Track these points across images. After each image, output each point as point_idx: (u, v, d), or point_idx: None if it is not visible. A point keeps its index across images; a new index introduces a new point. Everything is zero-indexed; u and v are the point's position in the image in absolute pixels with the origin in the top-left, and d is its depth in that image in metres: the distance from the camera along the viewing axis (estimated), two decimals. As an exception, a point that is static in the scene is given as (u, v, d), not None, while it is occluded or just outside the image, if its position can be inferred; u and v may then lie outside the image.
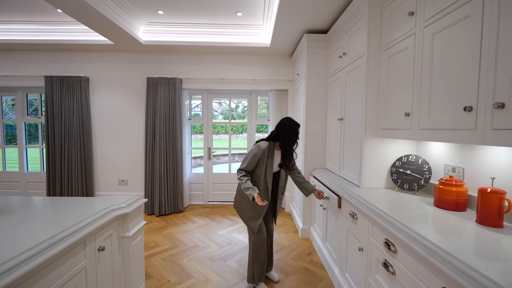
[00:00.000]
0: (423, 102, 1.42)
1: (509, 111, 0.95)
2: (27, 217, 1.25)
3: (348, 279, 1.85)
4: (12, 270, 0.84)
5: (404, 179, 1.81)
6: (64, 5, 2.49)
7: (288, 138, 1.85)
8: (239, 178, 1.86)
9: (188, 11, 2.97)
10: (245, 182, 1.82)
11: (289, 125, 1.87)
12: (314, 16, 2.53)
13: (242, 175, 1.86)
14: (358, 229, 1.68)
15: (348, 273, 1.87)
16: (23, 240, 1.00)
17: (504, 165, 1.27)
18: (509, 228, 1.17)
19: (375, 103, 1.91)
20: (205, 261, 2.47)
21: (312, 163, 2.94)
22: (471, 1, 1.11)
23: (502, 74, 0.97)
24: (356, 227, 1.71)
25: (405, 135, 1.59)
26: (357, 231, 1.70)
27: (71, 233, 1.11)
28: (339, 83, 2.48)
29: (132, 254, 1.60)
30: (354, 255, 1.76)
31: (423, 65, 1.42)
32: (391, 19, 1.76)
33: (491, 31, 1.02)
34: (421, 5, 1.45)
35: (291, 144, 1.87)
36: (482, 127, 1.05)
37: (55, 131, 3.76)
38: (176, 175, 3.79)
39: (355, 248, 1.74)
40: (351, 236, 1.81)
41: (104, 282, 1.37)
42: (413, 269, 1.12)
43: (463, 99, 1.15)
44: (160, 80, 3.70)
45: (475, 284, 0.79)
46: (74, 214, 1.29)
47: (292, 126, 1.87)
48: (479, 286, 0.77)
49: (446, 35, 1.27)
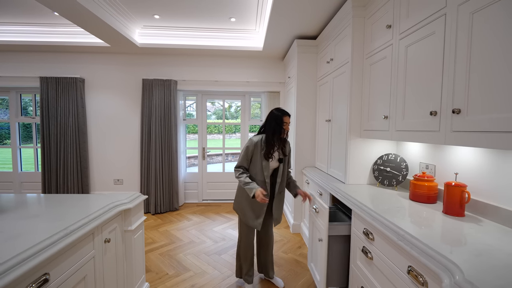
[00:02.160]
0: (399, 106, 1.59)
1: (464, 116, 1.12)
2: (38, 212, 1.36)
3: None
4: (34, 256, 0.95)
5: (384, 176, 1.98)
6: (61, 8, 2.54)
7: (273, 125, 1.83)
8: (237, 176, 1.85)
9: (184, 16, 3.09)
10: (244, 177, 1.81)
11: (275, 114, 1.86)
12: (303, 24, 2.69)
13: (239, 172, 1.85)
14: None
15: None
16: (39, 231, 1.11)
17: (466, 162, 1.45)
18: (469, 217, 1.34)
19: (358, 106, 2.08)
20: (201, 255, 2.59)
21: (302, 162, 3.10)
22: (436, 20, 1.28)
23: (458, 84, 1.14)
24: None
25: (384, 135, 1.76)
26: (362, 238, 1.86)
27: (82, 225, 1.23)
28: (327, 86, 2.64)
29: (134, 246, 1.72)
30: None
31: (399, 73, 1.59)
32: (372, 30, 1.93)
33: (450, 48, 1.19)
34: (397, 19, 1.61)
35: (275, 132, 1.84)
36: (444, 129, 1.22)
37: (51, 131, 3.80)
38: (171, 174, 3.89)
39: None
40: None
41: (109, 271, 1.49)
42: (386, 253, 1.28)
43: (429, 105, 1.33)
44: (156, 81, 3.80)
45: (433, 261, 0.95)
46: (82, 209, 1.40)
47: (277, 115, 1.85)
48: (437, 263, 0.93)
49: (416, 48, 1.44)
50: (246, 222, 1.92)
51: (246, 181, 1.79)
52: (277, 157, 1.91)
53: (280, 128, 1.85)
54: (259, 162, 1.85)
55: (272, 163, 1.89)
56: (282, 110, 1.90)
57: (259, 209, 1.89)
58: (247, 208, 1.91)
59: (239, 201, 1.96)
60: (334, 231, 1.73)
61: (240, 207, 1.96)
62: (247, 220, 1.91)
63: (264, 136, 1.88)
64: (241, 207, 1.94)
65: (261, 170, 1.85)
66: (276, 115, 1.86)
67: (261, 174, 1.85)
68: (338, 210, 2.03)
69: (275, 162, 1.91)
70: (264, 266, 2.14)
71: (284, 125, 1.86)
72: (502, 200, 1.25)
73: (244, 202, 1.91)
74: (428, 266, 0.95)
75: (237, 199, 1.99)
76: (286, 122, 1.87)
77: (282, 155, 1.93)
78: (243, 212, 1.93)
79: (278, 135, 1.86)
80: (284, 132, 1.89)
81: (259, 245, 2.14)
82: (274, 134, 1.84)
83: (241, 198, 1.94)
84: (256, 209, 1.89)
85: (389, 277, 1.24)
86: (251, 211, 1.90)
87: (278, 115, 1.86)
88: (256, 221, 1.89)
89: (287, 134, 1.94)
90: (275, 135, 1.85)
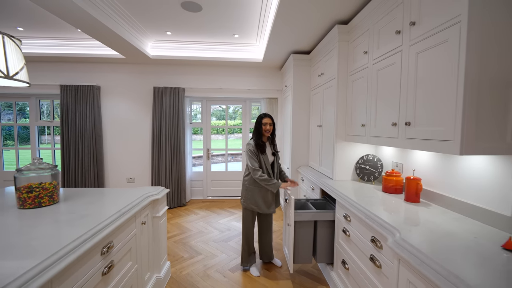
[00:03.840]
0: (372, 116, 2.01)
1: (413, 127, 1.53)
2: (93, 200, 1.75)
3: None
4: (104, 229, 1.35)
5: (364, 173, 2.40)
6: (84, 26, 2.82)
7: (256, 126, 2.31)
8: (259, 177, 2.17)
9: (193, 32, 3.49)
10: (265, 177, 2.18)
11: (258, 117, 2.33)
12: (298, 42, 3.10)
13: (260, 172, 2.19)
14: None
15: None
16: (101, 213, 1.50)
17: (422, 161, 1.87)
18: (423, 203, 1.76)
19: (343, 115, 2.50)
20: (210, 242, 3.00)
21: (298, 162, 3.52)
22: (396, 54, 1.70)
23: (410, 104, 1.56)
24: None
25: (362, 140, 2.17)
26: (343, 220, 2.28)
27: (129, 209, 1.63)
28: (319, 96, 3.06)
29: (160, 230, 2.11)
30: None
31: (372, 91, 2.01)
32: (354, 53, 2.34)
33: (404, 76, 1.61)
34: (372, 48, 2.03)
35: (259, 131, 2.28)
36: (401, 136, 1.64)
37: (70, 134, 4.18)
38: (179, 173, 4.29)
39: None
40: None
41: (143, 248, 1.89)
42: (358, 229, 1.69)
43: (391, 117, 1.74)
44: (165, 89, 4.20)
45: (384, 229, 1.36)
46: (126, 198, 1.79)
47: (259, 116, 2.33)
48: (387, 230, 1.34)
49: (384, 72, 1.85)
50: (263, 211, 2.31)
51: (268, 180, 2.19)
52: (271, 151, 2.37)
53: (260, 126, 2.28)
54: (260, 158, 2.28)
55: (269, 157, 2.33)
56: (263, 113, 2.35)
57: (270, 200, 2.33)
58: (260, 201, 2.31)
59: (250, 197, 2.32)
60: (300, 217, 2.15)
61: (252, 201, 2.32)
62: (263, 210, 2.31)
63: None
64: (254, 201, 2.31)
65: (265, 166, 2.28)
66: (258, 117, 2.34)
67: (266, 169, 2.28)
68: (327, 202, 2.44)
69: (271, 156, 2.35)
70: (265, 249, 2.54)
71: (263, 125, 2.28)
72: (445, 189, 1.66)
73: (257, 197, 2.31)
74: (382, 233, 1.37)
75: (247, 196, 2.34)
76: (265, 123, 2.29)
77: (273, 150, 2.38)
78: (257, 205, 2.31)
79: (260, 134, 2.29)
80: (265, 130, 2.29)
81: (261, 231, 2.54)
82: (259, 133, 2.29)
83: (253, 193, 2.31)
84: (267, 200, 2.32)
85: (360, 247, 1.66)
86: (264, 203, 2.31)
87: (259, 116, 2.33)
88: (270, 208, 2.33)
89: (273, 133, 2.38)
90: (260, 134, 2.29)
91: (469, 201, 1.48)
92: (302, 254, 2.22)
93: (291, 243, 2.15)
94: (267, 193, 2.32)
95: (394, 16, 1.73)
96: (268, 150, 2.35)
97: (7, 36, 1.30)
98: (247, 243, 2.42)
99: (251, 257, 2.46)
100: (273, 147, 2.40)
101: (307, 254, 2.23)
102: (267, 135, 2.33)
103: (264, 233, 2.52)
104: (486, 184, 1.39)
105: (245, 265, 2.45)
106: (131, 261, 1.68)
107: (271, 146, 2.39)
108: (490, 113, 1.21)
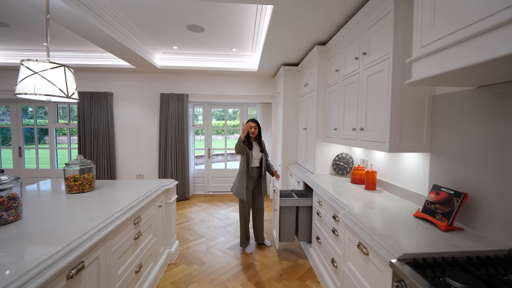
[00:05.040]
0: (341, 122, 2.51)
1: (365, 132, 2.03)
2: (120, 187, 2.25)
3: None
4: (134, 207, 1.85)
5: (339, 168, 2.90)
6: (102, 43, 3.34)
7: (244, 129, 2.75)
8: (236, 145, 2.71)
9: (196, 47, 3.99)
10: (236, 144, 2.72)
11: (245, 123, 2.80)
12: (287, 56, 3.60)
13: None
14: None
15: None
16: (130, 196, 2.00)
17: (379, 158, 2.37)
18: (378, 190, 2.26)
19: (322, 120, 3.00)
20: (211, 228, 3.50)
21: (288, 160, 4.02)
22: (355, 75, 2.20)
23: (363, 114, 2.06)
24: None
25: (335, 141, 2.68)
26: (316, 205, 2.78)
27: (150, 194, 2.13)
28: (304, 103, 3.56)
29: (171, 213, 2.61)
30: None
31: (341, 102, 2.51)
32: (330, 69, 2.84)
33: (359, 92, 2.11)
34: (341, 67, 2.53)
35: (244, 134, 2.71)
36: (358, 138, 2.14)
37: (86, 135, 4.69)
38: (183, 170, 4.79)
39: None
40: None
41: (159, 226, 2.39)
42: (326, 210, 2.19)
43: (352, 124, 2.25)
44: (171, 95, 4.70)
45: (340, 207, 1.86)
46: (146, 187, 2.30)
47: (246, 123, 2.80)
48: (341, 207, 1.85)
49: (348, 88, 2.35)
50: (242, 198, 2.78)
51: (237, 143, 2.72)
52: (259, 148, 2.86)
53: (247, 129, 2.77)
54: (250, 154, 2.79)
55: (256, 153, 2.82)
56: (250, 119, 2.88)
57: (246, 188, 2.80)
58: (240, 188, 2.79)
59: (235, 185, 2.85)
60: (285, 204, 2.65)
61: (234, 188, 2.85)
62: (241, 197, 2.77)
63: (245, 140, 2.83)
64: (235, 189, 2.83)
65: (250, 157, 2.77)
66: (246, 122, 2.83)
67: (251, 160, 2.79)
68: (308, 192, 2.94)
69: (259, 153, 2.85)
70: (258, 232, 3.04)
71: (249, 128, 2.79)
72: (392, 179, 2.16)
73: (238, 185, 2.81)
74: (338, 210, 1.87)
75: (233, 185, 2.88)
76: (250, 126, 2.79)
77: (261, 147, 2.89)
78: (237, 192, 2.80)
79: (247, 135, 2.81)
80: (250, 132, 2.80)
81: (254, 217, 3.03)
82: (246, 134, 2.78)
83: (236, 182, 2.84)
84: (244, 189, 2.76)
85: (327, 223, 2.16)
86: (243, 191, 2.77)
87: (247, 121, 2.83)
88: (245, 196, 2.77)
89: (259, 134, 2.89)
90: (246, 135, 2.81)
91: (405, 187, 1.98)
92: (287, 234, 2.72)
93: (277, 225, 2.66)
94: (242, 183, 2.78)
95: (354, 46, 2.23)
96: (256, 148, 2.86)
97: (66, 67, 1.80)
98: (244, 228, 2.92)
99: (248, 240, 2.96)
100: (260, 145, 2.90)
101: (291, 234, 2.73)
102: (253, 135, 2.84)
103: (255, 218, 3.02)
104: (414, 173, 1.89)
105: (242, 246, 2.96)
106: (151, 234, 2.18)
107: (259, 145, 2.89)
108: (410, 122, 1.71)
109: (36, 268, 0.99)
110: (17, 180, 1.49)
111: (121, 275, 1.65)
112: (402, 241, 1.24)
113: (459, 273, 0.95)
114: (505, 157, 1.23)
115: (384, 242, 1.24)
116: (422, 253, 1.12)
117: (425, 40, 1.14)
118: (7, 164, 5.51)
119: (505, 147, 1.24)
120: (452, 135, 1.55)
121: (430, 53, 1.10)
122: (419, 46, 1.19)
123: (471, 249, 1.16)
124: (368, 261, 1.39)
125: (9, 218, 1.41)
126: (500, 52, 0.80)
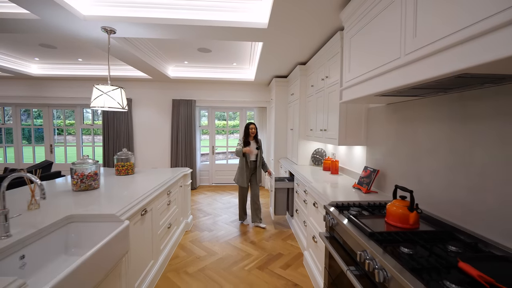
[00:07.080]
0: (314, 124, 3.36)
1: (327, 131, 2.89)
2: (152, 172, 3.10)
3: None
4: (168, 183, 2.70)
5: (316, 160, 3.76)
6: (125, 59, 4.24)
7: (244, 130, 3.62)
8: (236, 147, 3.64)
9: (204, 62, 4.84)
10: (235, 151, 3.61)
11: (245, 125, 3.64)
12: (278, 70, 4.46)
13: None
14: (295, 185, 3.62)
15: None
16: (162, 178, 2.85)
17: (342, 151, 3.23)
18: (340, 174, 3.10)
19: (303, 122, 3.85)
20: (216, 209, 4.36)
21: (279, 154, 4.87)
22: (321, 92, 3.06)
23: (324, 119, 2.92)
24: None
25: (311, 139, 3.53)
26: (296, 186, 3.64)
27: (175, 176, 2.98)
28: (291, 109, 4.41)
29: (187, 194, 3.47)
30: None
31: (314, 109, 3.37)
32: (309, 84, 3.70)
33: (324, 104, 2.97)
34: (315, 83, 3.38)
35: (246, 133, 3.58)
36: (323, 137, 3.00)
37: (109, 135, 5.54)
38: (192, 163, 5.65)
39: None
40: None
41: (180, 201, 3.23)
42: (301, 188, 3.04)
43: (320, 126, 3.10)
44: (181, 101, 5.55)
45: (308, 185, 2.72)
46: (172, 173, 3.15)
47: (246, 124, 3.64)
48: (308, 185, 2.70)
49: (319, 100, 3.21)
50: (241, 185, 3.65)
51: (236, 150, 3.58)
52: (255, 146, 3.69)
53: (248, 130, 3.62)
54: (247, 155, 3.62)
55: (254, 150, 3.66)
56: (249, 122, 3.71)
57: (245, 177, 3.63)
58: (240, 178, 3.65)
59: (236, 174, 3.72)
60: (279, 185, 3.51)
61: (236, 177, 3.71)
62: (241, 184, 3.64)
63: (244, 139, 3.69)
64: (237, 177, 3.69)
65: (247, 155, 3.62)
66: (246, 124, 3.67)
67: (248, 157, 3.63)
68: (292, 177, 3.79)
69: (255, 150, 3.68)
70: (254, 214, 3.88)
71: (250, 129, 3.63)
72: (349, 166, 3.01)
73: (238, 175, 3.67)
74: (306, 185, 2.73)
75: (235, 175, 3.75)
76: (251, 127, 3.64)
77: (257, 145, 3.71)
78: (237, 180, 3.67)
79: (247, 135, 3.64)
80: (251, 132, 3.63)
81: (252, 201, 3.87)
82: (246, 133, 3.62)
83: (237, 172, 3.70)
84: (243, 177, 3.62)
85: (301, 197, 3.02)
86: (241, 179, 3.64)
87: (247, 123, 3.66)
88: (244, 183, 3.62)
89: (256, 134, 3.70)
90: (247, 134, 3.64)
91: (354, 170, 2.84)
92: (280, 208, 3.58)
93: (273, 202, 3.51)
94: (242, 173, 3.63)
95: (321, 70, 3.09)
96: (253, 145, 3.70)
97: (121, 88, 2.66)
98: (242, 206, 3.78)
99: (245, 215, 3.81)
100: (257, 143, 3.74)
101: (283, 208, 3.58)
102: (252, 135, 3.68)
103: (253, 202, 3.87)
104: (359, 161, 2.74)
105: (241, 220, 3.81)
106: (175, 205, 3.04)
107: (256, 143, 3.73)
108: (353, 124, 2.57)
109: (140, 198, 1.85)
110: (97, 163, 2.34)
111: (161, 226, 2.51)
112: (337, 198, 2.09)
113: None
114: (397, 147, 2.09)
115: (326, 198, 2.09)
116: (342, 201, 1.97)
117: (346, 78, 2.00)
118: (40, 159, 6.36)
119: (397, 141, 2.09)
120: (375, 133, 2.41)
121: (350, 85, 1.95)
122: (344, 81, 2.04)
123: (373, 200, 2.02)
124: (318, 211, 2.25)
125: (95, 186, 2.27)
126: (375, 90, 1.65)
